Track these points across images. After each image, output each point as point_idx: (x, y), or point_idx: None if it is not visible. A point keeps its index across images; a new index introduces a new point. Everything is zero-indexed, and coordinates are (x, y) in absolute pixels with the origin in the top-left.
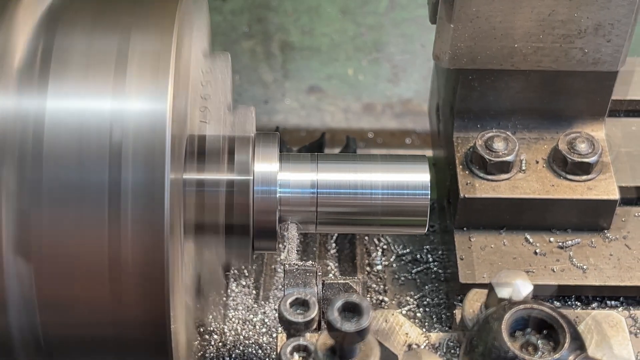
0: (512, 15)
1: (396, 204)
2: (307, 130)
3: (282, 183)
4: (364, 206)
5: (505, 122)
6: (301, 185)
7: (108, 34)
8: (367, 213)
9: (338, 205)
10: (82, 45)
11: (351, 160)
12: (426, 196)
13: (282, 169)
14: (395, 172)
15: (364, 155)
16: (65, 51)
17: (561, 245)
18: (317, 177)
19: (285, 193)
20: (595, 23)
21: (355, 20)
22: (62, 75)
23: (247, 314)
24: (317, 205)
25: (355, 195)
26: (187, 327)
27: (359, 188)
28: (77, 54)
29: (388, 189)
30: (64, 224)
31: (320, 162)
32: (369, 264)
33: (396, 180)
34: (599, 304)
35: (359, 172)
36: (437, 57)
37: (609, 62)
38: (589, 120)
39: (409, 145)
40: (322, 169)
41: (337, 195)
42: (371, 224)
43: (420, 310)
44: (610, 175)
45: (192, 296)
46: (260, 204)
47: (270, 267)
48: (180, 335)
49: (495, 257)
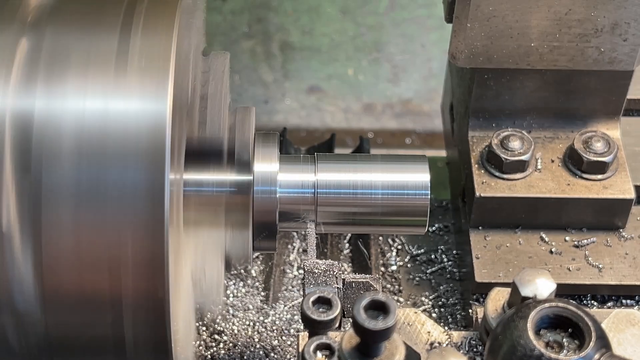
0: (528, 14)
1: (396, 204)
2: (308, 130)
3: (282, 183)
4: (364, 206)
5: (520, 121)
6: (301, 185)
7: (108, 34)
8: (367, 213)
9: (338, 205)
10: (82, 45)
11: (351, 160)
12: (426, 196)
13: (282, 169)
14: (395, 172)
15: (364, 155)
16: (65, 51)
17: (577, 244)
18: (316, 177)
19: (285, 193)
20: (612, 22)
21: (355, 20)
22: (62, 74)
23: (258, 316)
24: (316, 205)
25: (355, 195)
26: (187, 327)
27: (359, 188)
28: (77, 54)
29: (388, 189)
30: (64, 223)
31: (320, 162)
32: (383, 265)
33: (396, 180)
34: (615, 303)
35: (358, 172)
36: (453, 56)
37: (625, 61)
38: (604, 119)
39: (409, 145)
40: (321, 169)
41: (337, 195)
42: (371, 224)
43: (435, 311)
44: (625, 174)
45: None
46: (260, 204)
47: (279, 269)
48: (181, 335)
49: (510, 256)
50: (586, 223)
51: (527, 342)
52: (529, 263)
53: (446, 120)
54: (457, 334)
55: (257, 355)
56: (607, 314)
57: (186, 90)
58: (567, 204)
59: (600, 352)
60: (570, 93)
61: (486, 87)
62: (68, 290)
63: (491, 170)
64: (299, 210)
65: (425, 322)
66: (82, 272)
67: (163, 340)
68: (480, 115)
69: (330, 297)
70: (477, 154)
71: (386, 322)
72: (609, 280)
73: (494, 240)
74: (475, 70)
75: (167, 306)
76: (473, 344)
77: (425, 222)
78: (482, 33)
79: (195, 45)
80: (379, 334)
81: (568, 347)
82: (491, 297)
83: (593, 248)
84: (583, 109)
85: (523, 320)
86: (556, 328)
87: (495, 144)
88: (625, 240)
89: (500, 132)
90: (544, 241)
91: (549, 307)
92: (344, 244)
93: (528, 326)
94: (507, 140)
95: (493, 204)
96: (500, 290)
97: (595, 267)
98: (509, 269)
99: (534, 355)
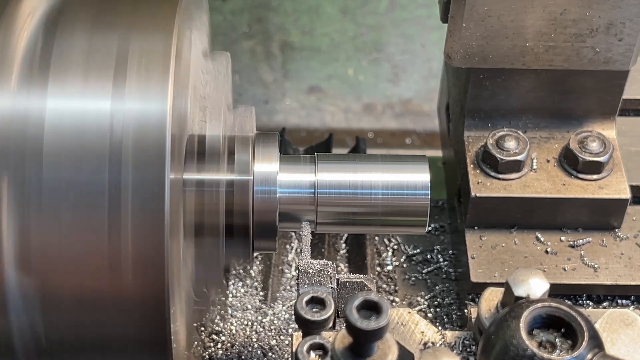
0: (523, 14)
1: (396, 204)
2: (308, 130)
3: (282, 183)
4: (364, 206)
5: (516, 121)
6: (301, 185)
7: (108, 34)
8: (367, 213)
9: (338, 205)
10: (82, 45)
11: (351, 161)
12: (426, 196)
13: (282, 169)
14: (395, 172)
15: (363, 155)
16: (65, 51)
17: (572, 244)
18: (316, 177)
19: (285, 193)
20: (607, 22)
21: (355, 20)
22: (63, 75)
23: (256, 315)
24: (316, 205)
25: (355, 195)
26: (187, 327)
27: (359, 188)
28: (78, 54)
29: (388, 189)
30: (64, 223)
31: (320, 162)
32: (379, 264)
33: (396, 180)
34: (610, 303)
35: (358, 172)
36: (449, 56)
37: (621, 61)
38: (599, 119)
39: (409, 145)
40: (321, 169)
41: (337, 195)
42: (371, 224)
43: (431, 311)
44: (621, 174)
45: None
46: (260, 204)
47: (278, 269)
48: (180, 334)
49: (506, 256)
50: (582, 223)
51: (519, 342)
52: (524, 263)
53: (442, 120)
54: (451, 334)
55: (255, 355)
56: (601, 314)
57: (186, 90)
58: (562, 204)
59: (592, 352)
60: (565, 93)
61: (482, 87)
62: (68, 290)
63: (487, 170)
64: (299, 211)
65: (419, 322)
66: (82, 272)
67: (163, 340)
68: (475, 115)
69: (324, 297)
70: (472, 154)
71: (378, 322)
72: (604, 280)
73: (489, 240)
74: (470, 70)
75: (167, 306)
76: (467, 344)
77: (425, 222)
78: (478, 33)
79: (197, 45)
80: (372, 334)
81: (561, 347)
82: (485, 297)
83: (588, 248)
84: (579, 109)
85: (516, 320)
86: (549, 328)
87: (490, 144)
88: (620, 240)
89: (495, 132)
90: (539, 241)
91: (542, 307)
92: (340, 244)
93: (521, 326)
94: (503, 140)
95: (488, 204)
96: (494, 290)
97: (590, 267)
98: (504, 269)
99: (527, 355)
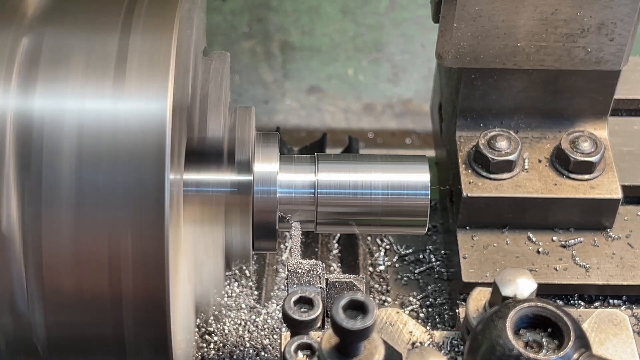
0: (514, 14)
1: (396, 204)
2: (307, 131)
3: (282, 183)
4: (364, 206)
5: (507, 121)
6: (301, 185)
7: (108, 34)
8: (367, 213)
9: (338, 205)
10: (82, 45)
11: (351, 161)
12: (426, 196)
13: (282, 169)
14: (395, 172)
15: (363, 155)
16: (65, 51)
17: (564, 244)
18: (317, 177)
19: (285, 193)
20: (598, 22)
21: (355, 20)
22: (62, 75)
23: (250, 315)
24: (316, 205)
25: (355, 195)
26: (187, 327)
27: (359, 188)
28: (77, 54)
29: (388, 189)
30: (64, 223)
31: (320, 162)
32: (371, 264)
33: (396, 180)
34: (602, 303)
35: (358, 172)
36: (440, 56)
37: (612, 61)
38: (591, 119)
39: (409, 145)
40: (322, 169)
41: (337, 195)
42: (371, 224)
43: (423, 311)
44: (613, 174)
45: (192, 296)
46: (260, 204)
47: (272, 268)
48: (180, 334)
49: (498, 256)
50: (573, 223)
51: (505, 341)
52: (516, 263)
53: (435, 120)
54: (439, 334)
55: (247, 355)
56: (592, 314)
57: (186, 90)
58: (554, 204)
59: (579, 351)
60: (557, 93)
61: (473, 87)
62: (68, 290)
63: (478, 170)
64: (299, 211)
65: (407, 321)
66: (82, 272)
67: (163, 340)
68: (467, 115)
69: (312, 297)
70: (464, 153)
71: (365, 322)
72: (596, 280)
73: (481, 240)
74: (462, 70)
75: (167, 306)
76: (455, 344)
77: (425, 222)
78: (469, 33)
79: (196, 44)
80: (358, 334)
81: (547, 347)
82: (473, 296)
83: (580, 248)
84: (570, 109)
85: (502, 320)
86: (535, 328)
87: (482, 144)
88: (612, 240)
89: (487, 132)
90: (531, 241)
91: (528, 306)
92: (333, 244)
93: (507, 326)
94: (495, 140)
95: (480, 203)
96: (482, 290)
97: (582, 267)
98: (496, 269)
99: (513, 355)
